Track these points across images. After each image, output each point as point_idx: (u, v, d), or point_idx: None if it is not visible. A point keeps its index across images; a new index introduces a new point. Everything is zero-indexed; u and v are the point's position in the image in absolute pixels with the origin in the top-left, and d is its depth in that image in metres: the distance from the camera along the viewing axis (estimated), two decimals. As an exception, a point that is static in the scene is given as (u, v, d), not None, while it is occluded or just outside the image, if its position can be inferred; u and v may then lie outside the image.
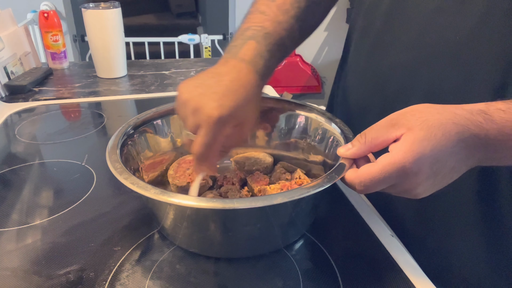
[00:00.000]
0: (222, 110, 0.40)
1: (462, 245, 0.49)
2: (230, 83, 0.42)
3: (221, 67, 0.45)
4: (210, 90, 0.42)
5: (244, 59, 0.45)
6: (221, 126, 0.40)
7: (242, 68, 0.44)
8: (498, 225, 0.46)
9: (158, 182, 0.54)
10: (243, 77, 0.44)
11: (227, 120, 0.40)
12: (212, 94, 0.41)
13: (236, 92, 0.42)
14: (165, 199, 0.37)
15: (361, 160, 0.41)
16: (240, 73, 0.44)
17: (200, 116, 0.40)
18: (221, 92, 0.41)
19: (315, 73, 2.65)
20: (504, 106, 0.36)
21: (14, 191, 0.57)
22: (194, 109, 0.41)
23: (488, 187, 0.45)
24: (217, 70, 0.45)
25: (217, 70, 0.45)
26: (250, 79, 0.44)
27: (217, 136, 0.41)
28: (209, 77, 0.44)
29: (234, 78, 0.43)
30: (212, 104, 0.40)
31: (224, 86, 0.42)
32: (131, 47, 1.79)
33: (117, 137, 0.48)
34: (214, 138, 0.41)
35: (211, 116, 0.40)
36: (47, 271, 0.43)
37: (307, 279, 0.42)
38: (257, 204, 0.37)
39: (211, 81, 0.43)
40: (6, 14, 1.03)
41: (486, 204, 0.46)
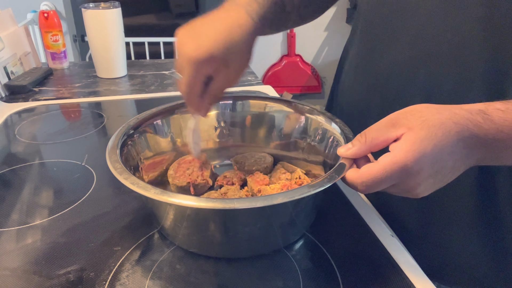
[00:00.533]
0: (200, 51, 0.42)
1: (461, 244, 0.49)
2: (214, 23, 0.44)
3: (216, 11, 0.46)
4: (195, 31, 0.43)
5: (237, 2, 0.46)
6: (200, 67, 0.42)
7: (232, 10, 0.45)
8: (496, 223, 0.46)
9: (158, 182, 0.54)
10: (230, 18, 0.44)
11: (205, 59, 0.42)
12: (194, 34, 0.43)
13: (219, 33, 0.43)
14: (165, 199, 0.37)
15: (361, 160, 0.41)
16: (227, 14, 0.45)
17: (182, 57, 0.43)
18: (202, 32, 0.43)
19: (315, 73, 2.65)
20: (503, 106, 0.36)
21: (14, 191, 0.57)
22: (179, 51, 0.43)
23: (486, 186, 0.45)
24: (212, 13, 0.46)
25: (211, 13, 0.46)
26: (238, 19, 0.44)
27: (196, 76, 0.43)
28: (200, 20, 0.45)
29: (220, 18, 0.44)
30: (191, 45, 0.42)
31: (208, 27, 0.43)
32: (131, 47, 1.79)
33: (117, 137, 0.48)
34: (193, 78, 0.43)
35: (189, 55, 0.42)
36: (47, 271, 0.43)
37: (307, 279, 0.42)
38: (257, 204, 0.37)
39: (199, 23, 0.44)
40: (6, 14, 1.03)
41: (484, 203, 0.46)
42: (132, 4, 3.08)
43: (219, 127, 0.61)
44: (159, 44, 1.82)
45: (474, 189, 0.46)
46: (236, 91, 0.97)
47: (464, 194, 0.47)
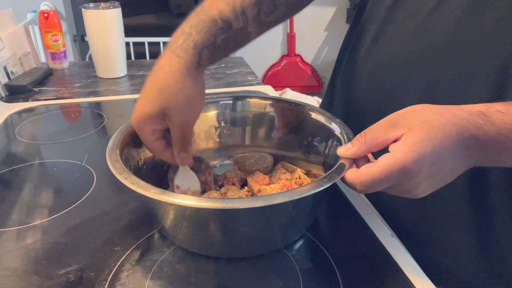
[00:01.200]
0: (135, 115, 0.45)
1: (456, 245, 0.49)
2: (150, 85, 0.45)
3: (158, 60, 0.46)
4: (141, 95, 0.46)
5: (168, 47, 0.46)
6: (140, 128, 0.46)
7: (162, 57, 0.45)
8: (490, 226, 0.46)
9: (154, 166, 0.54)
10: (159, 68, 0.45)
11: (142, 122, 0.45)
12: (139, 98, 0.46)
13: (149, 92, 0.45)
14: (165, 199, 0.37)
15: (360, 160, 0.41)
16: (158, 64, 0.45)
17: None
18: (141, 97, 0.45)
19: (315, 73, 2.65)
20: (503, 108, 0.36)
21: (14, 191, 0.57)
22: None
23: (480, 188, 0.45)
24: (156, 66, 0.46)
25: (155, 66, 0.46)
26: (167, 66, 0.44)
27: (143, 135, 0.46)
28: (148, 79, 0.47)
29: (153, 73, 0.45)
30: (133, 111, 0.46)
31: (146, 90, 0.45)
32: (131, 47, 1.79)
33: (117, 137, 0.48)
34: (142, 138, 0.47)
35: (132, 122, 0.46)
36: (47, 271, 0.43)
37: (307, 279, 0.42)
38: (257, 204, 0.37)
39: (146, 83, 0.46)
40: (6, 14, 1.03)
41: (478, 205, 0.46)
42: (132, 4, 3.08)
43: (219, 127, 0.61)
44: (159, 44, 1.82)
45: (468, 191, 0.46)
46: (236, 91, 0.97)
47: (458, 196, 0.47)
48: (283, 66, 2.60)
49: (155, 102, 0.44)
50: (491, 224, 0.46)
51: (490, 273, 0.48)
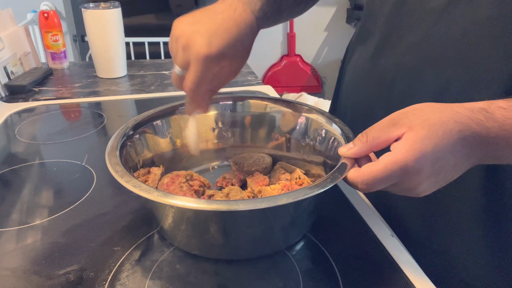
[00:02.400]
0: (211, 48, 0.41)
1: (464, 246, 0.49)
2: (223, 21, 0.43)
3: (218, 5, 0.46)
4: (203, 27, 0.42)
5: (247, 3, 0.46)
6: (210, 64, 0.42)
7: (238, 7, 0.45)
8: (501, 226, 0.46)
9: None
10: (237, 16, 0.44)
11: (216, 57, 0.42)
12: (203, 31, 0.42)
13: (227, 31, 0.43)
14: (169, 202, 0.37)
15: (362, 160, 0.41)
16: (235, 12, 0.44)
17: (190, 53, 0.42)
18: (212, 30, 0.42)
19: (315, 73, 2.65)
20: (505, 104, 0.36)
21: (14, 191, 0.57)
22: (185, 45, 0.42)
23: (491, 188, 0.45)
24: (214, 7, 0.46)
25: (213, 7, 0.46)
26: (245, 18, 0.45)
27: (206, 73, 0.43)
28: (204, 14, 0.44)
29: (228, 17, 0.44)
30: (202, 41, 0.41)
31: (216, 24, 0.43)
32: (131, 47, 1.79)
33: (116, 139, 0.48)
34: (203, 75, 0.43)
35: (200, 53, 0.41)
36: (47, 271, 0.43)
37: (307, 279, 0.42)
38: (262, 205, 0.36)
39: (205, 18, 0.44)
40: (6, 14, 1.03)
41: (489, 205, 0.46)
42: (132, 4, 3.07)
43: (217, 127, 0.60)
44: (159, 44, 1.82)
45: (478, 191, 0.45)
46: (236, 91, 0.97)
47: (467, 196, 0.46)
48: (283, 66, 2.60)
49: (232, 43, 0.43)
50: (503, 225, 0.45)
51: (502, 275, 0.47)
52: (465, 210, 0.47)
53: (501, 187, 0.45)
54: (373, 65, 0.56)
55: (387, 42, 0.53)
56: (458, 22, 0.44)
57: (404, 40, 0.50)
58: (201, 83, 0.43)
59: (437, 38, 0.47)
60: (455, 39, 0.45)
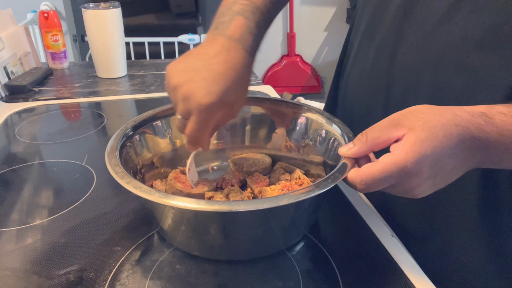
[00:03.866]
0: (212, 97, 0.41)
1: (463, 247, 0.49)
2: (219, 66, 0.42)
3: (208, 47, 0.44)
4: (199, 76, 0.42)
5: (233, 37, 0.44)
6: (211, 112, 0.42)
7: (230, 48, 0.43)
8: (500, 226, 0.46)
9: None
10: (232, 58, 0.43)
11: (217, 106, 0.41)
12: (201, 80, 0.41)
13: (225, 76, 0.42)
14: (169, 203, 0.37)
15: (362, 160, 0.41)
16: (229, 54, 0.43)
17: (190, 104, 0.41)
18: (210, 78, 0.41)
19: (315, 73, 2.65)
20: (505, 110, 0.36)
21: (14, 191, 0.57)
22: (184, 97, 0.42)
23: (490, 188, 0.45)
24: (205, 50, 0.44)
25: (204, 50, 0.44)
26: (239, 58, 0.44)
27: (208, 121, 0.42)
28: (197, 59, 0.43)
29: (223, 60, 0.43)
30: (202, 92, 0.41)
31: (213, 70, 0.42)
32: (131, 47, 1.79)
33: (116, 140, 0.48)
34: (204, 123, 0.42)
35: (201, 104, 0.41)
36: (47, 271, 0.43)
37: (307, 279, 0.42)
38: (264, 206, 0.36)
39: (199, 64, 0.43)
40: (6, 14, 1.03)
41: (488, 205, 0.46)
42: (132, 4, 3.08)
43: None
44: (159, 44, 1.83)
45: (478, 191, 0.45)
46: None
47: (467, 196, 0.46)
48: (283, 66, 2.60)
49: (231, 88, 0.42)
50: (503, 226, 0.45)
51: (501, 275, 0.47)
52: (464, 210, 0.47)
53: (499, 187, 0.45)
54: (372, 66, 0.56)
55: (389, 43, 0.53)
56: (459, 27, 0.44)
57: (405, 42, 0.50)
58: (203, 131, 0.43)
59: (437, 42, 0.46)
60: (455, 43, 0.45)
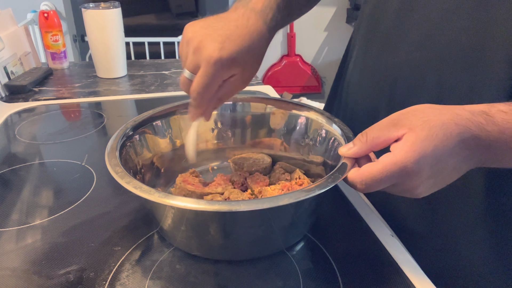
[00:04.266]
0: (223, 52, 0.41)
1: (465, 246, 0.49)
2: (237, 28, 0.43)
3: (230, 14, 0.46)
4: (216, 32, 0.42)
5: (254, 9, 0.45)
6: (220, 68, 0.41)
7: (251, 17, 0.45)
8: (502, 226, 0.46)
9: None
10: (250, 25, 0.44)
11: (226, 63, 0.41)
12: (216, 35, 0.42)
13: (240, 38, 0.43)
14: (169, 203, 0.37)
15: (362, 159, 0.41)
16: (248, 21, 0.44)
17: (201, 55, 0.41)
18: (225, 35, 0.42)
19: (315, 73, 2.65)
20: (506, 108, 0.36)
21: (14, 191, 0.57)
22: (196, 48, 0.42)
23: (492, 187, 0.45)
24: (227, 15, 0.45)
25: (226, 15, 0.45)
26: (258, 28, 0.45)
27: (216, 78, 0.42)
28: (217, 20, 0.44)
29: (241, 25, 0.44)
30: (214, 45, 0.41)
31: (230, 30, 0.43)
32: (131, 47, 1.79)
33: (116, 140, 0.48)
34: (212, 79, 0.42)
35: (212, 56, 0.41)
36: (47, 271, 0.43)
37: (307, 279, 0.42)
38: (264, 206, 0.36)
39: (218, 24, 0.44)
40: (6, 14, 1.03)
41: (490, 204, 0.45)
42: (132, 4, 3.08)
43: (217, 128, 0.60)
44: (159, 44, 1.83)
45: (480, 190, 0.45)
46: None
47: (469, 198, 0.46)
48: (283, 66, 2.60)
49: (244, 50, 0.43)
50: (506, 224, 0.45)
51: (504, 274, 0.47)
52: (466, 209, 0.47)
53: (502, 186, 0.45)
54: (376, 64, 0.56)
55: (391, 41, 0.53)
56: (463, 23, 0.44)
57: (408, 40, 0.50)
58: (209, 87, 0.43)
59: (441, 38, 0.46)
60: (460, 40, 0.44)
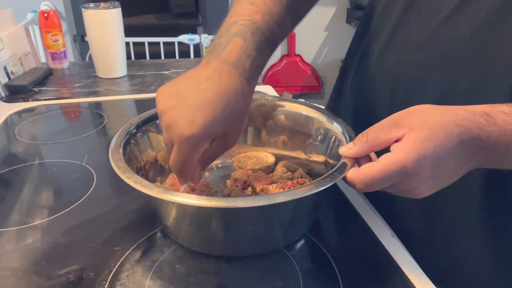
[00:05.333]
0: (193, 128, 0.37)
1: (465, 246, 0.49)
2: (207, 92, 0.38)
3: (200, 71, 0.40)
4: (184, 102, 0.38)
5: (227, 61, 0.40)
6: (194, 144, 0.38)
7: (223, 72, 0.39)
8: (502, 225, 0.46)
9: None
10: (223, 84, 0.39)
11: (200, 137, 0.37)
12: (185, 107, 0.37)
13: (212, 103, 0.37)
14: (169, 198, 0.37)
15: (362, 159, 0.41)
16: (220, 79, 0.39)
17: (172, 133, 0.38)
18: (195, 106, 0.37)
19: (315, 73, 2.65)
20: (507, 109, 0.36)
21: (14, 191, 0.57)
22: (167, 125, 0.38)
23: (492, 187, 0.45)
24: (196, 74, 0.40)
25: (196, 74, 0.40)
26: (233, 84, 0.39)
27: (191, 154, 0.38)
28: (186, 84, 0.39)
29: (212, 86, 0.38)
30: (183, 121, 0.37)
31: (200, 97, 0.38)
32: (131, 47, 1.79)
33: (120, 137, 0.48)
34: (187, 156, 0.38)
35: (182, 134, 0.37)
36: (47, 271, 0.43)
37: (307, 279, 0.42)
38: (260, 203, 0.37)
39: (187, 90, 0.39)
40: (6, 14, 1.03)
41: (489, 204, 0.45)
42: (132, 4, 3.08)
43: None
44: (159, 44, 1.83)
45: (481, 191, 0.45)
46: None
47: (469, 198, 0.46)
48: (283, 66, 2.60)
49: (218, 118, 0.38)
50: (506, 225, 0.45)
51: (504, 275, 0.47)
52: (466, 209, 0.47)
53: (502, 186, 0.44)
54: (379, 63, 0.56)
55: (395, 40, 0.53)
56: (468, 22, 0.44)
57: (412, 38, 0.50)
58: (186, 164, 0.39)
59: (445, 37, 0.46)
60: (463, 39, 0.44)
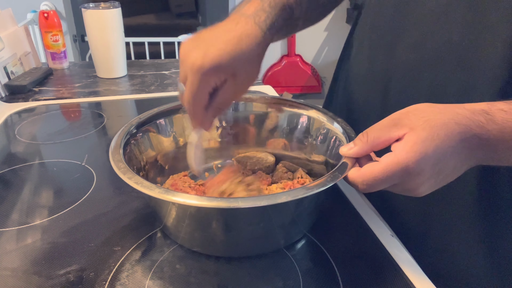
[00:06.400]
0: (205, 59, 0.40)
1: (463, 245, 0.49)
2: (223, 33, 0.42)
3: (222, 22, 0.45)
4: (201, 41, 0.42)
5: (244, 14, 0.45)
6: (205, 76, 0.41)
7: (240, 21, 0.44)
8: (498, 225, 0.46)
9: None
10: (239, 28, 0.43)
11: (211, 69, 0.40)
12: (200, 43, 0.41)
13: (225, 42, 0.41)
14: (170, 199, 0.37)
15: (363, 159, 0.41)
16: (237, 25, 0.43)
17: (186, 65, 0.41)
18: (210, 42, 0.41)
19: (315, 73, 2.65)
20: (506, 107, 0.36)
21: (14, 191, 0.57)
22: (182, 59, 0.42)
23: (488, 186, 0.45)
24: (218, 24, 0.45)
25: (217, 24, 0.45)
26: (247, 30, 0.43)
27: (203, 86, 0.41)
28: (206, 31, 0.44)
29: (228, 29, 0.43)
30: (197, 53, 0.40)
31: (215, 37, 0.42)
32: (131, 47, 1.79)
33: (120, 137, 0.48)
34: (199, 88, 0.41)
35: (194, 64, 0.40)
36: (47, 271, 0.43)
37: (307, 279, 0.42)
38: (261, 203, 0.37)
39: (205, 34, 0.43)
40: (6, 14, 1.03)
41: (486, 203, 0.46)
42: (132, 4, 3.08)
43: (221, 126, 0.61)
44: (159, 44, 1.82)
45: (476, 190, 0.46)
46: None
47: (465, 197, 0.46)
48: (283, 66, 2.60)
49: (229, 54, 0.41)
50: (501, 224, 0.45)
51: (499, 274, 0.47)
52: (463, 208, 0.47)
53: (498, 185, 0.45)
54: (370, 65, 0.56)
55: (385, 42, 0.53)
56: (457, 24, 0.44)
57: (402, 40, 0.51)
58: (197, 96, 0.42)
59: (435, 39, 0.46)
60: (453, 41, 0.45)
